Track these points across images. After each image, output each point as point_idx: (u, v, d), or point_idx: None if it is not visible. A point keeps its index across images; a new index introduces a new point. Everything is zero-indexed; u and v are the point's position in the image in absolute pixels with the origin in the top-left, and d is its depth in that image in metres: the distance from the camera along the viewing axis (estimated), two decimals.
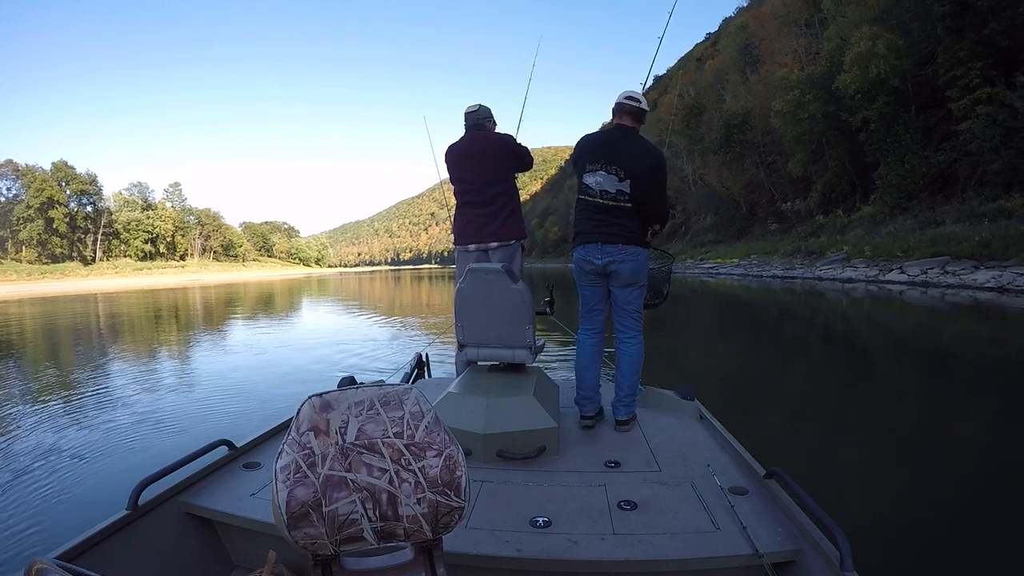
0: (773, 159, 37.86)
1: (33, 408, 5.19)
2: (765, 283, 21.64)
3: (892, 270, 18.63)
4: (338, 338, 9.92)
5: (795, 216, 35.82)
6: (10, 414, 4.98)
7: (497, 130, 3.17)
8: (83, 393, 5.79)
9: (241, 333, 11.82)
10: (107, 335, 12.03)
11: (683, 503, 1.68)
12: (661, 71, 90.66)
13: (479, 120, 3.10)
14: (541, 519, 1.60)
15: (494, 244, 3.00)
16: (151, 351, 9.22)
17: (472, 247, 3.02)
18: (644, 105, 2.50)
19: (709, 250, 41.42)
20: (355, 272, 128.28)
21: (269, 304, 20.98)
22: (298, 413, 0.93)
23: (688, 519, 1.58)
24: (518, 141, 3.17)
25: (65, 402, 5.42)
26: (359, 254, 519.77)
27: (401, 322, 12.70)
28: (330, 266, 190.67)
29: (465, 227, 3.05)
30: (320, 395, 0.96)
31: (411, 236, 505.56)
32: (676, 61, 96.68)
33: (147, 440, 4.09)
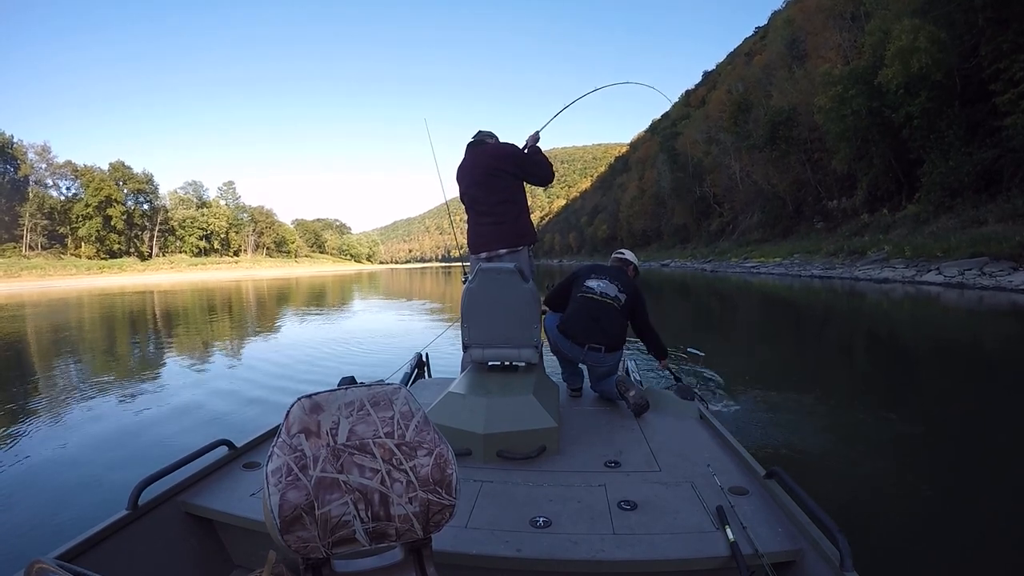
0: (819, 156, 36.85)
1: (42, 404, 5.23)
2: (804, 283, 21.45)
3: (929, 271, 18.21)
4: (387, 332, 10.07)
5: (841, 214, 34.74)
6: (9, 414, 4.91)
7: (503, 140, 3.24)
8: (92, 389, 5.91)
9: (291, 328, 12.37)
10: (163, 328, 13.09)
11: (683, 503, 1.67)
12: (710, 66, 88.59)
13: (478, 138, 3.20)
14: (541, 519, 1.59)
15: (503, 251, 3.07)
16: (203, 344, 9.71)
17: (484, 255, 3.10)
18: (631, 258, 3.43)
19: (754, 249, 40.86)
20: (406, 268, 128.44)
21: (322, 300, 21.69)
22: (288, 415, 0.92)
23: (688, 519, 1.57)
24: (532, 150, 3.22)
25: (74, 400, 5.44)
26: (410, 251, 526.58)
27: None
28: (381, 262, 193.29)
29: (476, 238, 3.15)
30: (310, 396, 0.95)
31: (462, 234, 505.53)
32: (725, 56, 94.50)
33: (148, 440, 4.06)
